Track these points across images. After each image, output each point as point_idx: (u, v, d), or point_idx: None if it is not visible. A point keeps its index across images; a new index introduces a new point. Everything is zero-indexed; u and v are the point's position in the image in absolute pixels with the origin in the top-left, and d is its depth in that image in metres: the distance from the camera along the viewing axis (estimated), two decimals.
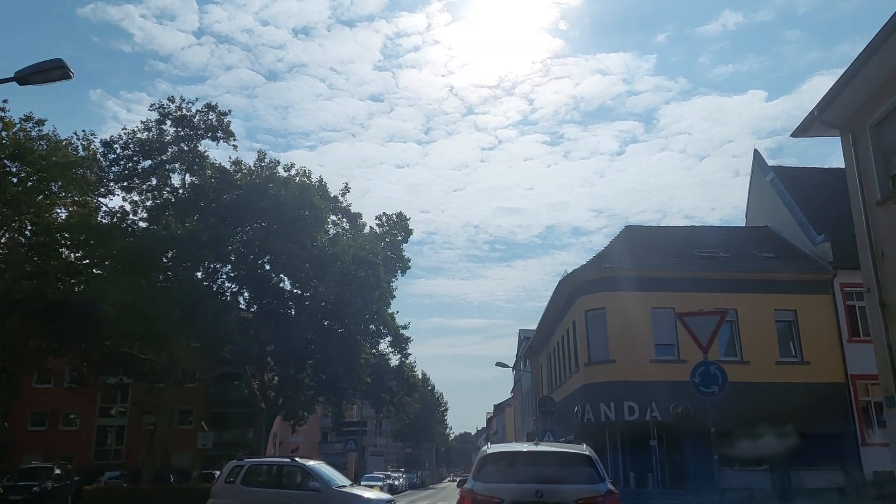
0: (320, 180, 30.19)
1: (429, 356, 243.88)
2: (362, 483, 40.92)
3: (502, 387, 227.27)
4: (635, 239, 28.83)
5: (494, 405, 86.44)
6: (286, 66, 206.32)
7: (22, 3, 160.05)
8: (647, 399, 23.99)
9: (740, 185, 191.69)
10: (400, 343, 39.00)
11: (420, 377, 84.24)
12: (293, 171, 30.33)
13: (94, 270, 26.51)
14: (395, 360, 39.98)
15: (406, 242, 38.15)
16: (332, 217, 33.55)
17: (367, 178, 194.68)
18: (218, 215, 28.16)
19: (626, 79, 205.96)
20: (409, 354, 39.38)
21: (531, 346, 42.71)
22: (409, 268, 38.63)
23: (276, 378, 34.59)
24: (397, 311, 39.86)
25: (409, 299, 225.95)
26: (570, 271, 26.50)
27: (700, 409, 25.46)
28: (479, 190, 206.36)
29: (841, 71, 10.72)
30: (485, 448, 9.42)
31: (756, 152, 31.72)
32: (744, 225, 33.33)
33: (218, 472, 40.17)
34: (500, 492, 8.13)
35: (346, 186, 33.90)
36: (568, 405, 29.17)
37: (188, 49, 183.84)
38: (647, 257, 26.99)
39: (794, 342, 25.63)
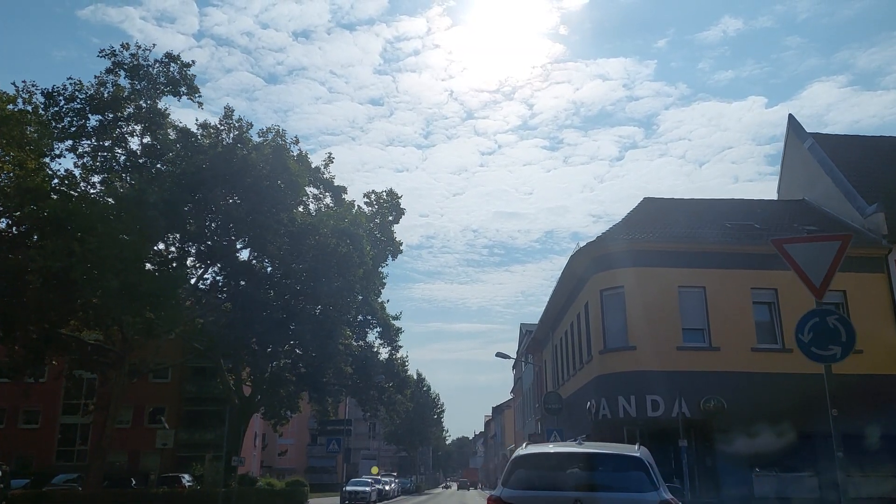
0: (296, 140, 26.42)
1: (427, 360, 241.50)
2: (347, 489, 37.27)
3: (501, 391, 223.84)
4: (655, 211, 25.27)
5: (493, 407, 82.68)
6: (286, 69, 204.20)
7: (22, 4, 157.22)
8: (673, 392, 20.43)
9: (740, 191, 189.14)
10: (390, 334, 35.42)
11: (415, 377, 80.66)
12: (268, 137, 26.66)
13: (35, 239, 22.77)
14: (384, 354, 36.39)
15: (397, 223, 34.70)
16: (313, 190, 29.96)
17: (366, 182, 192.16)
18: (181, 184, 24.49)
19: (626, 84, 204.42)
20: (400, 347, 35.77)
21: (534, 340, 39.06)
22: (402, 251, 35.19)
23: (250, 369, 30.93)
24: (387, 300, 36.33)
25: (407, 303, 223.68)
26: (582, 244, 22.91)
27: (736, 404, 21.93)
28: (478, 194, 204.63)
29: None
30: (520, 449, 8.01)
31: (791, 117, 28.18)
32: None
33: (185, 476, 36.75)
34: (532, 500, 7.07)
35: (329, 157, 30.27)
36: (578, 401, 25.53)
37: (188, 51, 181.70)
38: (672, 229, 23.45)
39: None
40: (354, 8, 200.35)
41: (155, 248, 24.41)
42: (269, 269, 27.12)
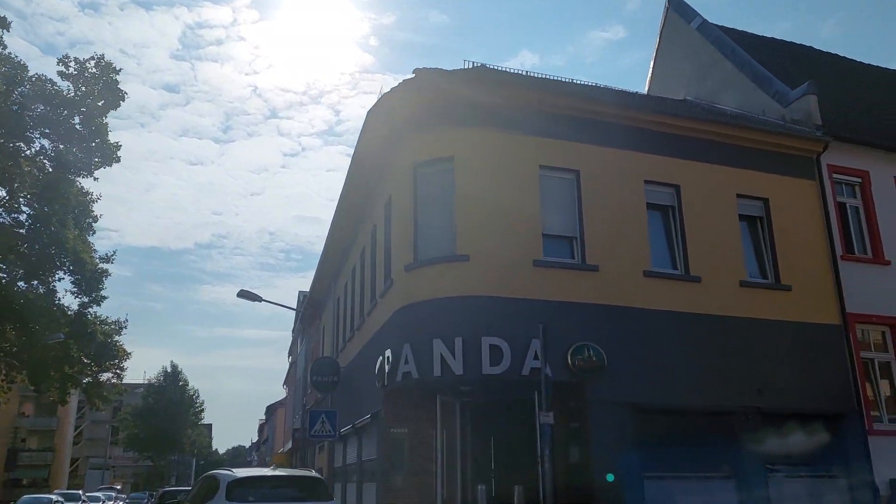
0: None
1: (212, 367, 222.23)
2: None
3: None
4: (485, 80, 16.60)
5: (266, 407, 70.80)
6: (68, 41, 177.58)
7: None
8: (525, 335, 11.63)
9: None
10: (85, 280, 23.73)
11: (170, 370, 66.89)
12: None
13: None
14: (74, 306, 24.38)
15: (115, 109, 23.40)
16: None
17: (154, 173, 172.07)
18: None
19: None
20: (104, 299, 24.15)
21: (311, 303, 29.05)
22: (119, 158, 23.97)
23: None
24: (93, 233, 24.54)
25: (192, 306, 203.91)
26: (387, 90, 13.38)
27: (621, 357, 13.65)
28: (278, 196, 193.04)
29: None
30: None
31: None
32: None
33: None
34: None
35: None
36: (365, 363, 15.92)
37: None
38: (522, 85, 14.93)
39: (766, 252, 14.70)
40: None
41: None
42: None
